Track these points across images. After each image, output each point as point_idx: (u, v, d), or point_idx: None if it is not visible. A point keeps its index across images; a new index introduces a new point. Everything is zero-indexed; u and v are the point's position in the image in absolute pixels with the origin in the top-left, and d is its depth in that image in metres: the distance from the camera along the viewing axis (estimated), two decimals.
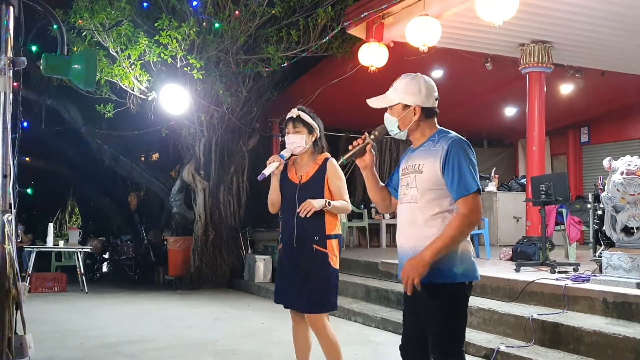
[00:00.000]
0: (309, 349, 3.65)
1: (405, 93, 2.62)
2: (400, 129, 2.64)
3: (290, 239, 3.51)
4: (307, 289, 3.42)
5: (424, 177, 2.56)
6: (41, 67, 2.56)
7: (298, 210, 3.39)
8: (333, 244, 3.47)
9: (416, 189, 2.58)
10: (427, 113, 2.63)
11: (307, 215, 3.34)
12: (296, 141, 3.50)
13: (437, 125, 2.69)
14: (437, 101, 2.67)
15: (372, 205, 10.79)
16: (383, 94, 2.69)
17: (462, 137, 2.59)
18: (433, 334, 2.56)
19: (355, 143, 2.70)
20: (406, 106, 2.61)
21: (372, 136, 2.68)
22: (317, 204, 3.36)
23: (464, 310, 2.57)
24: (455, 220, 2.48)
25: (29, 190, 12.89)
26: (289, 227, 3.51)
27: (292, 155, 3.56)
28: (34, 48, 9.05)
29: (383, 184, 2.88)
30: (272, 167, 3.46)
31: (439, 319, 2.53)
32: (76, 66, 2.59)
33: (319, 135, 3.57)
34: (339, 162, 2.86)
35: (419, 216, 2.57)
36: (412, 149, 2.74)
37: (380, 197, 2.84)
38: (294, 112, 3.54)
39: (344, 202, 3.50)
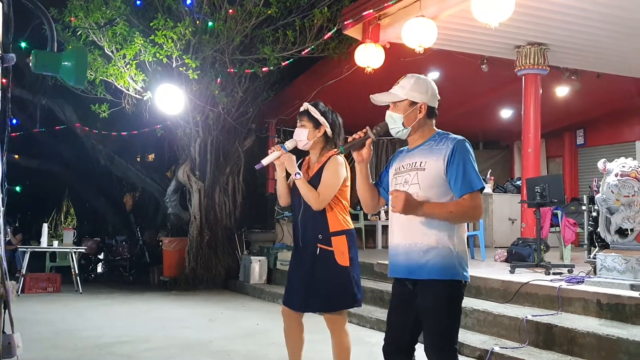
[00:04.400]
0: (301, 347, 3.63)
1: (413, 90, 2.64)
2: (404, 126, 2.65)
3: (297, 240, 3.48)
4: (316, 290, 3.35)
5: (426, 174, 2.58)
6: (31, 64, 2.54)
7: (272, 150, 3.38)
8: (340, 241, 3.36)
9: (418, 185, 2.58)
10: (430, 112, 2.67)
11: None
12: (299, 135, 3.43)
13: (435, 127, 2.72)
14: (438, 103, 2.72)
15: None
16: (387, 91, 2.69)
17: (465, 139, 2.63)
18: (432, 332, 2.57)
19: (355, 135, 2.68)
20: (413, 103, 2.63)
21: (373, 131, 2.66)
22: (289, 161, 3.33)
23: (460, 308, 2.64)
24: (463, 202, 2.52)
25: (17, 188, 12.76)
26: (295, 227, 3.48)
27: (295, 147, 3.46)
28: (23, 45, 9.00)
29: (373, 183, 2.87)
30: (271, 157, 3.36)
31: (441, 317, 2.55)
32: (66, 63, 2.56)
33: (330, 132, 3.43)
34: (337, 152, 2.82)
35: None
36: (407, 149, 2.75)
37: (370, 195, 2.83)
38: (304, 106, 3.47)
39: (314, 191, 3.32)
